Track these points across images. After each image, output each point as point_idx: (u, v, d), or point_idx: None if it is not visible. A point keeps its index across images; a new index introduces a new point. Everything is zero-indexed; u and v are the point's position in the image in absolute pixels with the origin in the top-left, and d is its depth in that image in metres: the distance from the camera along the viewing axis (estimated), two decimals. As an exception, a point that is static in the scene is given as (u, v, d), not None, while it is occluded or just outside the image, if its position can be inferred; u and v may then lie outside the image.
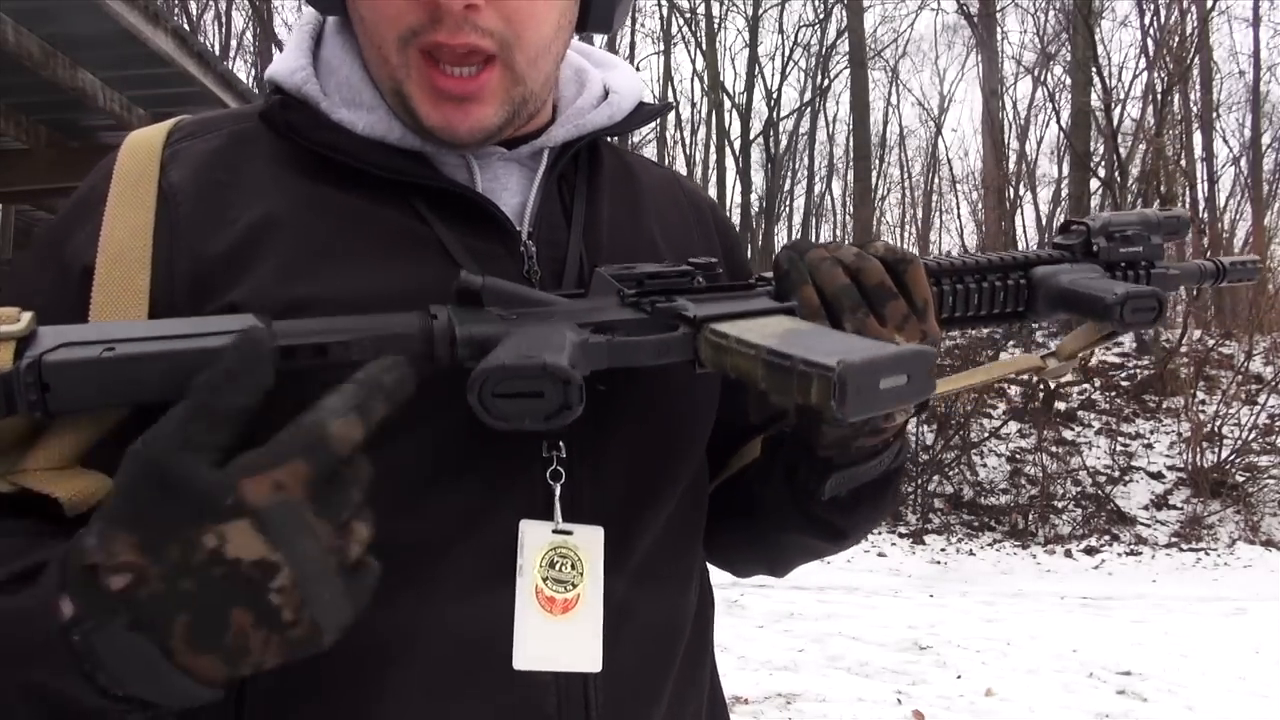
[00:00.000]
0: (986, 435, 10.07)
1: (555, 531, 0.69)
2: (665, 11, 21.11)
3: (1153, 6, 15.74)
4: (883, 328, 0.69)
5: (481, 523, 0.68)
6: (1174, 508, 9.14)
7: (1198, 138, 16.44)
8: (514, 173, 0.78)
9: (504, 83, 0.70)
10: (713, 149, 21.22)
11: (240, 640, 0.51)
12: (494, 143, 0.75)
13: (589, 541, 0.70)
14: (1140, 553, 8.43)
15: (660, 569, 0.76)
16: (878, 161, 22.10)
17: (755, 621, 5.72)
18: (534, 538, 0.69)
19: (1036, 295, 0.82)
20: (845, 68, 19.85)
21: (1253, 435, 9.39)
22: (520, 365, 0.56)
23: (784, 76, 24.71)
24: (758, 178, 22.54)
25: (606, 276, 0.69)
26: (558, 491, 0.70)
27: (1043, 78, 19.24)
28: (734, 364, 0.62)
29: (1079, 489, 9.45)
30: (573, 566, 0.69)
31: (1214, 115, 17.28)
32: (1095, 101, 13.96)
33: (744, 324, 0.65)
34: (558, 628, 0.68)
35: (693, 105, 22.09)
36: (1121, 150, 13.17)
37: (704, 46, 20.67)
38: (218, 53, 14.59)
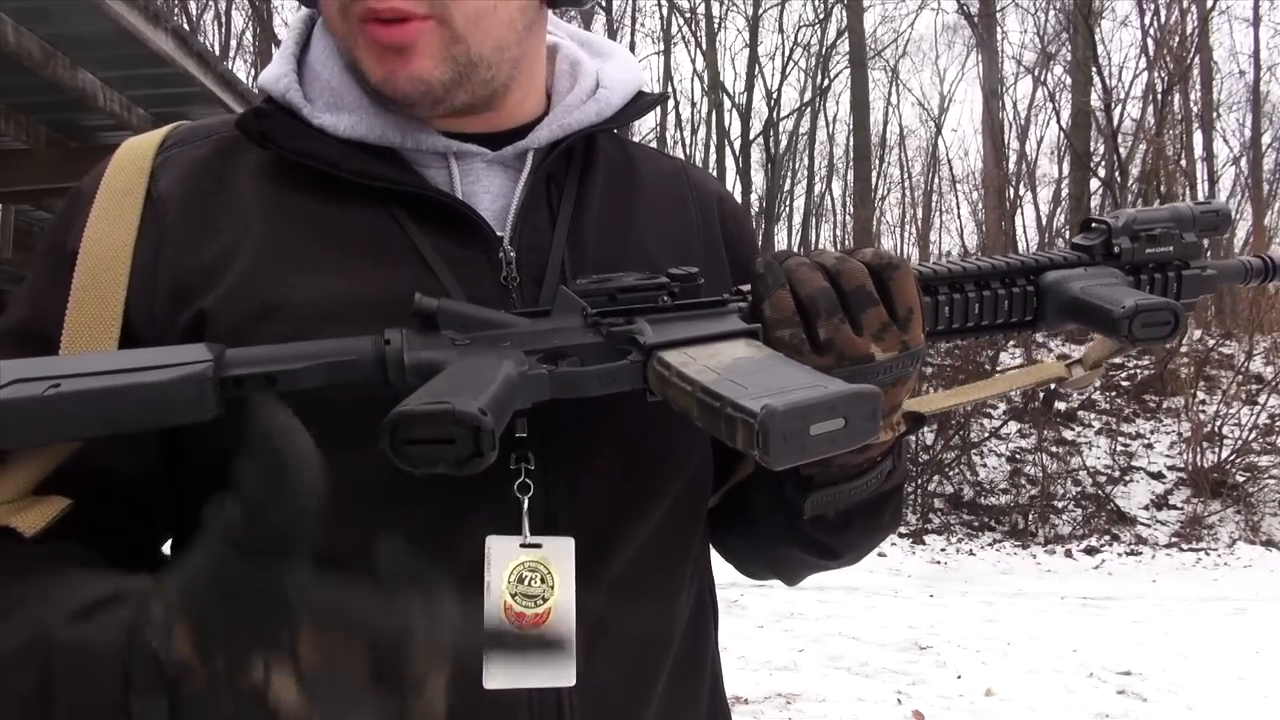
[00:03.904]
0: (986, 435, 10.06)
1: (523, 546, 0.67)
2: (665, 11, 21.13)
3: (1153, 6, 15.75)
4: (858, 337, 0.66)
5: (451, 538, 0.67)
6: (1174, 508, 9.13)
7: (1198, 138, 16.43)
8: (497, 175, 0.77)
9: (440, 38, 0.69)
10: (713, 149, 21.22)
11: None
12: (447, 111, 0.72)
13: (559, 554, 0.68)
14: (1140, 553, 8.42)
15: (643, 581, 0.74)
16: (878, 161, 22.11)
17: (755, 621, 5.71)
18: (501, 553, 0.67)
19: (1045, 303, 0.76)
20: (845, 68, 19.88)
21: (1253, 435, 9.38)
22: (426, 412, 0.53)
23: (784, 76, 24.74)
24: (758, 178, 22.55)
25: (570, 294, 0.67)
26: (525, 505, 0.68)
27: (1043, 78, 19.24)
28: (674, 398, 0.61)
29: (1079, 489, 9.44)
30: (542, 580, 0.67)
31: (1214, 115, 17.26)
32: (1095, 101, 13.98)
33: (695, 352, 0.62)
34: (528, 644, 0.66)
35: (693, 105, 22.10)
36: (1121, 150, 13.20)
37: (704, 46, 20.68)
38: (218, 53, 14.59)
